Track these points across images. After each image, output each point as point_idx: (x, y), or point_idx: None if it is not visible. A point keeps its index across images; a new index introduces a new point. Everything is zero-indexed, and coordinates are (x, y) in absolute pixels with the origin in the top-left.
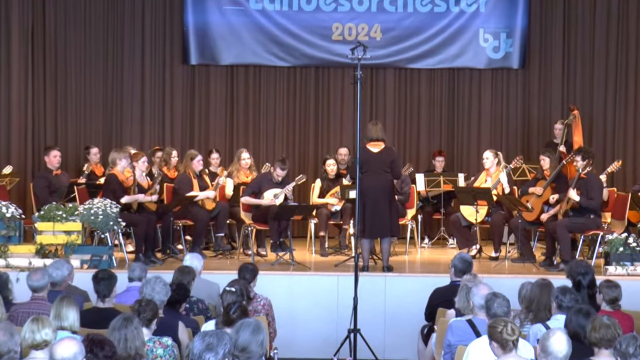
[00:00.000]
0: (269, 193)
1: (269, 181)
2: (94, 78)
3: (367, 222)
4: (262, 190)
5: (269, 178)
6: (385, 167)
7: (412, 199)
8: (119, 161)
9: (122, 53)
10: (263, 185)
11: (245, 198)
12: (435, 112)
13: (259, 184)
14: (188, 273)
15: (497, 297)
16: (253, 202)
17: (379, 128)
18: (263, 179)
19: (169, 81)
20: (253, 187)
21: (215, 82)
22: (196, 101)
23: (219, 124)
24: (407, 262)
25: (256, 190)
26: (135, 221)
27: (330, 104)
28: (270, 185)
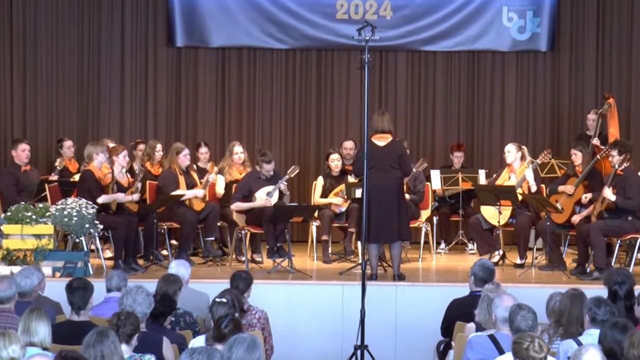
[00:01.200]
0: (261, 192)
1: (258, 179)
2: (67, 63)
3: (372, 225)
4: (252, 190)
5: (257, 176)
6: (392, 163)
7: (427, 199)
8: (96, 156)
9: (99, 35)
10: (253, 185)
11: (236, 204)
12: (452, 100)
13: (247, 184)
14: (174, 282)
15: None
16: (245, 207)
17: (385, 118)
18: (251, 178)
19: (152, 66)
20: (242, 189)
21: (204, 67)
22: (183, 88)
23: (209, 114)
24: (421, 269)
25: (246, 192)
26: (114, 223)
27: (334, 91)
28: (261, 184)
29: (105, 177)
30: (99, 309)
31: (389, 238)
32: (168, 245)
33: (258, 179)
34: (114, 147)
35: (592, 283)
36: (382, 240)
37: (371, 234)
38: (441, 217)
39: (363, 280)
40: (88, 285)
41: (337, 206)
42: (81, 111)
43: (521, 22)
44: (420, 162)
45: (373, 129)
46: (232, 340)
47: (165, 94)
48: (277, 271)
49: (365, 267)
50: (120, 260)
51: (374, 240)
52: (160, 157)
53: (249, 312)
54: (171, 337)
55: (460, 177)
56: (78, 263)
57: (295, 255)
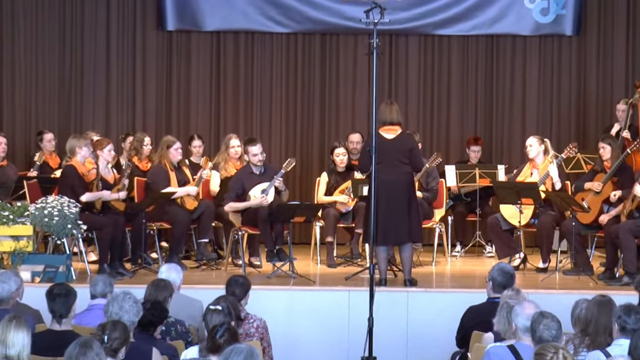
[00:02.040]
0: (255, 190)
1: (250, 175)
2: (47, 48)
3: (380, 226)
4: (246, 188)
5: (249, 171)
6: (402, 158)
7: (441, 197)
8: (79, 150)
9: (82, 17)
10: (246, 182)
11: (229, 205)
12: (469, 90)
13: (240, 182)
14: (164, 288)
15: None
16: (240, 207)
17: (394, 109)
18: (243, 174)
19: (140, 51)
20: (235, 187)
21: (197, 53)
22: (174, 76)
23: (203, 105)
24: (434, 274)
25: (239, 190)
26: (99, 224)
27: (340, 80)
28: (254, 179)
29: (89, 173)
30: (83, 318)
31: (399, 240)
32: (158, 248)
33: (250, 174)
34: (98, 141)
35: (621, 289)
36: (392, 242)
37: (380, 235)
38: (456, 217)
39: (371, 285)
40: (70, 291)
41: (343, 205)
42: (63, 101)
43: (544, 3)
44: (433, 157)
45: (381, 120)
46: (227, 351)
47: (155, 82)
48: (277, 276)
49: (373, 271)
50: (105, 264)
51: (383, 243)
52: (149, 151)
53: (247, 321)
54: (161, 348)
55: (478, 173)
56: (59, 267)
57: (297, 258)
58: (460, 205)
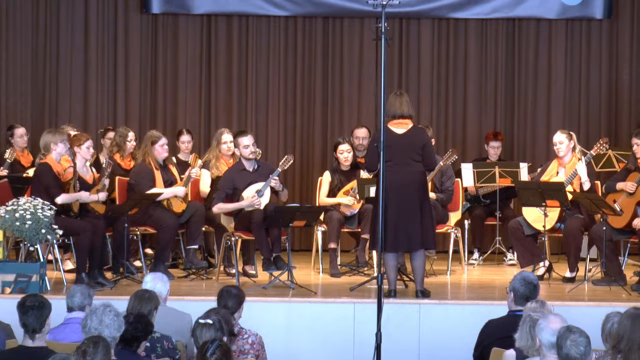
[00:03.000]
0: (249, 191)
1: (242, 172)
2: (18, 32)
3: (390, 231)
4: (237, 188)
5: (240, 168)
6: (413, 155)
7: (457, 199)
8: (54, 146)
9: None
10: (238, 180)
11: (218, 206)
12: (488, 79)
13: (230, 180)
14: (149, 300)
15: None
16: (230, 207)
17: (404, 100)
18: (234, 172)
19: (122, 37)
20: (224, 186)
21: (185, 39)
22: (160, 65)
23: (192, 96)
24: (449, 284)
25: (229, 190)
26: (76, 228)
27: (344, 68)
28: (247, 178)
29: (66, 172)
30: (58, 333)
31: (410, 246)
32: (142, 255)
33: (242, 171)
34: (76, 136)
35: None
36: (402, 248)
37: (389, 241)
38: (474, 221)
39: (379, 297)
40: (44, 303)
41: (348, 207)
42: (36, 92)
43: None
44: (448, 154)
45: (390, 113)
46: None
47: (139, 71)
48: (275, 286)
49: (381, 281)
50: (83, 273)
51: (393, 249)
52: (132, 147)
53: (241, 336)
54: None
55: (498, 172)
56: (32, 276)
57: (297, 267)
58: (478, 208)
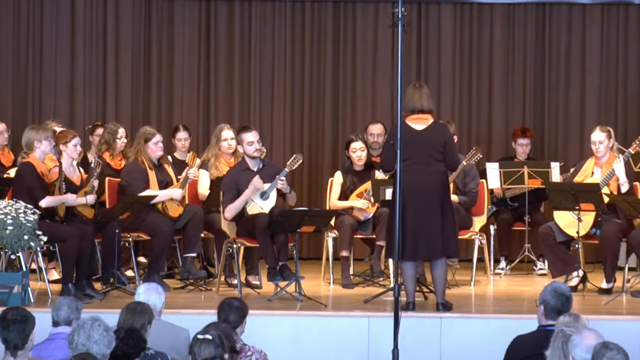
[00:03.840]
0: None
1: (245, 172)
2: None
3: (408, 237)
4: (240, 189)
5: (243, 167)
6: (434, 153)
7: (481, 202)
8: (38, 144)
9: None
10: (241, 181)
11: (228, 208)
12: (516, 70)
13: (233, 181)
14: (142, 313)
15: (609, 349)
16: (237, 204)
17: (424, 93)
18: (237, 172)
19: (112, 23)
20: (229, 189)
21: (182, 25)
22: (154, 53)
23: (189, 89)
24: (473, 296)
25: (234, 192)
26: (62, 234)
27: (357, 58)
28: (251, 178)
29: (51, 173)
30: (42, 349)
31: (430, 254)
32: (134, 264)
33: (246, 170)
34: (61, 133)
35: None
36: (422, 257)
37: (407, 248)
38: (500, 226)
39: (396, 310)
40: (27, 317)
41: (361, 212)
42: (17, 84)
43: None
44: (472, 153)
45: (408, 107)
46: None
47: (131, 60)
48: (280, 298)
49: (398, 293)
50: (70, 283)
51: (411, 258)
52: (123, 145)
53: (243, 354)
54: None
55: (527, 172)
56: (14, 287)
57: (305, 277)
58: (505, 212)
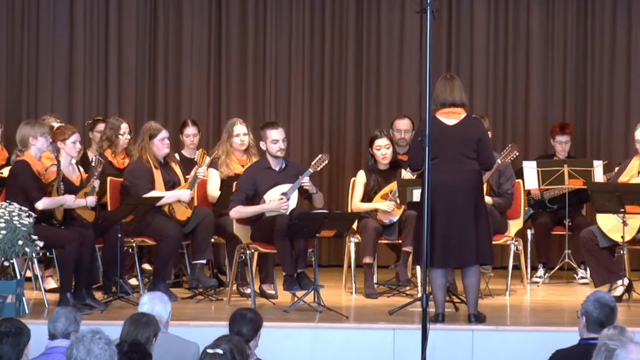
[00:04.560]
0: (273, 192)
1: (266, 171)
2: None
3: (438, 243)
4: (259, 190)
5: (265, 166)
6: (467, 151)
7: (517, 204)
8: (34, 141)
9: None
10: (260, 181)
11: (236, 209)
12: (555, 60)
13: (251, 179)
14: (147, 325)
15: None
16: (249, 211)
17: (456, 86)
18: (256, 170)
19: (114, 10)
20: (244, 187)
21: (191, 13)
22: (160, 42)
23: (198, 80)
24: (508, 307)
25: (250, 191)
26: (60, 239)
27: (382, 48)
28: (272, 178)
29: (48, 172)
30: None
31: (463, 261)
32: (139, 272)
33: (267, 169)
34: (59, 129)
35: None
36: (453, 264)
37: (437, 255)
38: (538, 231)
39: (424, 322)
40: (22, 329)
41: (386, 214)
42: (11, 76)
43: None
44: (507, 150)
45: (439, 101)
46: None
47: (135, 49)
48: (298, 309)
49: (427, 303)
50: (68, 293)
51: (442, 265)
52: (126, 142)
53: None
54: None
55: (567, 171)
56: (8, 297)
57: (325, 286)
58: (544, 215)
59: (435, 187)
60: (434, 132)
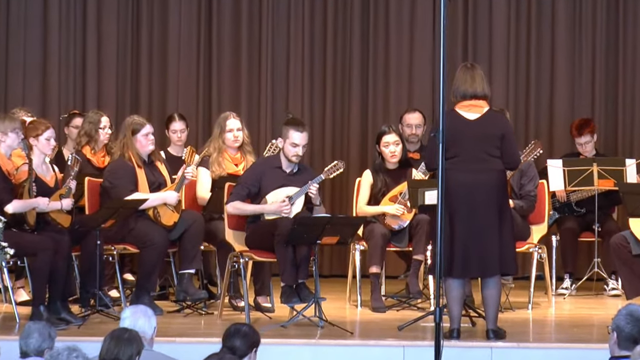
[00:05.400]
0: (276, 193)
1: (276, 170)
2: None
3: (457, 250)
4: (263, 189)
5: (275, 164)
6: (489, 148)
7: (542, 207)
8: (3, 137)
9: None
10: (266, 179)
11: (233, 204)
12: (583, 48)
13: (258, 175)
14: (129, 342)
15: None
16: (249, 210)
17: (478, 76)
18: (265, 167)
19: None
20: (248, 181)
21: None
22: (143, 27)
23: (186, 70)
24: (531, 321)
25: (254, 187)
26: (32, 247)
27: (391, 31)
28: (280, 179)
29: (19, 172)
30: None
31: (485, 270)
32: (120, 283)
33: (277, 169)
34: (32, 124)
35: None
36: (473, 274)
37: (456, 264)
38: (564, 237)
39: (437, 339)
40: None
41: (395, 219)
42: None
43: None
44: (530, 148)
45: (459, 92)
46: None
47: (116, 35)
48: (297, 324)
49: (440, 317)
50: (42, 306)
51: (461, 274)
52: (107, 138)
53: None
54: None
55: (596, 171)
56: None
57: (327, 298)
58: (570, 220)
59: (455, 188)
60: (453, 127)
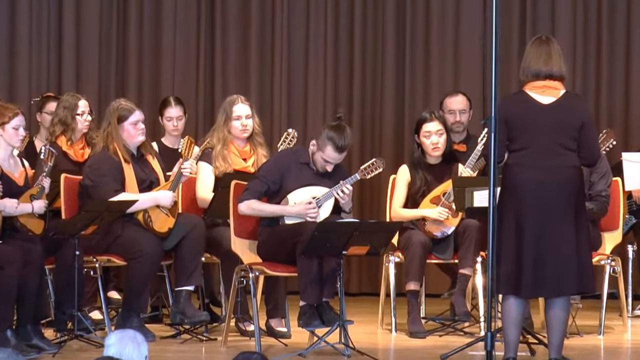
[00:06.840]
0: (299, 194)
1: (301, 166)
2: None
3: (525, 263)
4: (284, 186)
5: (302, 160)
6: (565, 139)
7: (616, 211)
8: None
9: None
10: (290, 176)
11: (248, 203)
12: None
13: (280, 172)
14: None
15: None
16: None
17: (555, 52)
18: (290, 161)
19: None
20: (268, 178)
21: None
22: None
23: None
24: (602, 349)
25: (274, 185)
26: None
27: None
28: (306, 176)
29: None
30: None
31: (560, 289)
32: (103, 302)
33: (304, 165)
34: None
35: None
36: (547, 292)
37: (525, 280)
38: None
39: None
40: None
41: (438, 225)
42: None
43: None
44: (602, 138)
45: (530, 71)
46: None
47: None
48: (319, 352)
49: (492, 344)
50: (9, 330)
51: (531, 293)
52: (86, 126)
53: None
54: None
55: None
56: None
57: (355, 321)
58: None
59: (522, 188)
60: (523, 112)
